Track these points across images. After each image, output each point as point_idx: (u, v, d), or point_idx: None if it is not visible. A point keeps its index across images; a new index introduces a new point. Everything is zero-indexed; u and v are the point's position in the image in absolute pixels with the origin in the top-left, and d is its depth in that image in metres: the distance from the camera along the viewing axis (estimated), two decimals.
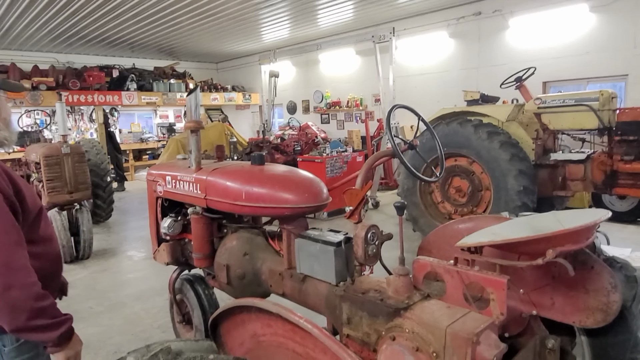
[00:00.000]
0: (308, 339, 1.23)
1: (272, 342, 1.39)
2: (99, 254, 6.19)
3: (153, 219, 3.10)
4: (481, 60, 9.16)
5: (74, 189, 5.74)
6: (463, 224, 2.31)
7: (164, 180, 2.89)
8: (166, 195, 2.91)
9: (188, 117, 2.67)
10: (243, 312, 1.51)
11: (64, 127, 6.12)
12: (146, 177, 3.13)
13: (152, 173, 3.05)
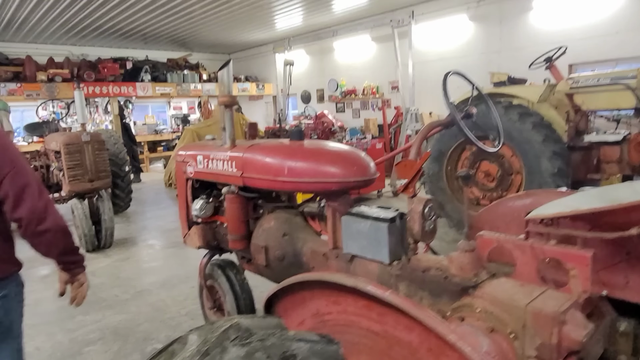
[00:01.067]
0: (388, 316, 1.10)
1: (340, 321, 1.26)
2: (120, 243, 6.14)
3: (183, 202, 2.99)
4: (503, 43, 8.89)
5: (95, 177, 5.67)
6: (519, 200, 2.16)
7: (195, 161, 2.77)
8: (197, 176, 2.80)
9: (221, 91, 2.54)
10: (304, 289, 1.38)
11: (83, 115, 6.05)
12: (175, 159, 3.02)
13: (181, 154, 2.94)
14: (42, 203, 1.60)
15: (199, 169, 2.75)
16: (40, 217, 1.59)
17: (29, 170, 1.63)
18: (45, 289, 4.51)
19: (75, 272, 1.84)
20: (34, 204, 1.57)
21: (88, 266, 1.98)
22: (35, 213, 1.57)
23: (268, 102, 15.62)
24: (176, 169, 3.02)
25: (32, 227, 1.59)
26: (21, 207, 1.55)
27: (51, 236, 1.65)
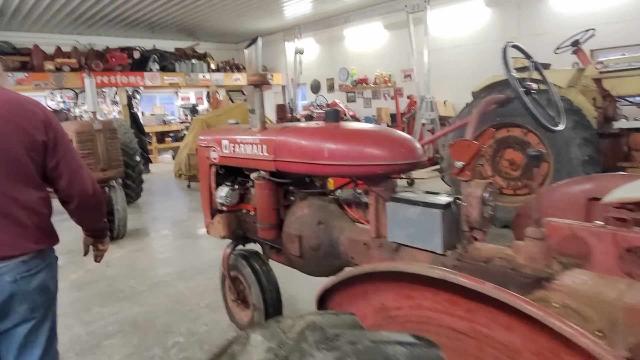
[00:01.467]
0: (480, 312, 0.95)
1: (412, 317, 1.11)
2: (133, 233, 6.02)
3: (206, 189, 2.84)
4: (521, 29, 8.64)
5: (107, 166, 5.54)
6: (577, 186, 1.99)
7: (219, 146, 2.62)
8: (222, 161, 2.65)
9: (249, 70, 2.38)
10: (365, 282, 1.23)
11: (93, 103, 5.91)
12: (197, 144, 2.86)
13: (204, 139, 2.79)
14: (90, 182, 1.81)
15: (224, 154, 2.60)
16: (90, 195, 1.80)
17: (77, 153, 1.83)
18: (60, 279, 4.40)
19: (103, 239, 2.08)
20: (85, 183, 1.77)
21: None
22: (86, 191, 1.78)
23: (277, 92, 15.41)
24: (198, 154, 2.87)
25: (82, 203, 1.80)
26: (75, 186, 1.75)
27: (97, 210, 1.91)
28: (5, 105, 1.59)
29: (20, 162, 1.59)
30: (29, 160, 1.61)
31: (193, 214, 7.04)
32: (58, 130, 1.71)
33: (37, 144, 1.62)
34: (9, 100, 1.61)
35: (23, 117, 1.61)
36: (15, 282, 1.60)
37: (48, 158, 1.67)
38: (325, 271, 2.31)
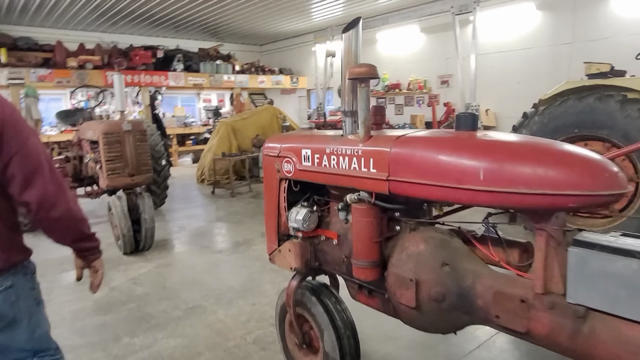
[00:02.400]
0: None
1: None
2: (159, 244, 5.53)
3: (273, 208, 2.30)
4: (576, 34, 8.02)
5: (136, 171, 5.06)
6: None
7: (297, 156, 2.08)
8: (299, 176, 2.11)
9: (347, 59, 1.86)
10: None
11: (122, 102, 5.45)
12: (263, 152, 2.34)
13: (273, 146, 2.25)
14: (53, 187, 1.49)
15: (303, 167, 2.07)
16: (51, 202, 1.48)
17: (42, 152, 1.51)
18: (82, 298, 3.91)
19: (90, 259, 1.75)
20: (44, 187, 1.46)
21: (128, 271, 2.52)
22: (46, 197, 1.47)
23: (302, 97, 14.93)
24: (265, 165, 2.34)
25: (42, 213, 1.48)
26: (30, 190, 1.45)
27: (64, 223, 1.56)
28: None
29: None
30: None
31: (222, 224, 6.53)
32: (8, 121, 1.42)
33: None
34: None
35: None
36: None
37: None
38: (446, 328, 1.75)
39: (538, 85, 8.63)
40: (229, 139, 10.12)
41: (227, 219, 6.78)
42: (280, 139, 2.27)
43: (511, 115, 9.11)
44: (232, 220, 6.69)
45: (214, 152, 9.82)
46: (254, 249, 5.24)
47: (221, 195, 8.66)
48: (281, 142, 2.22)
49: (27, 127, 1.49)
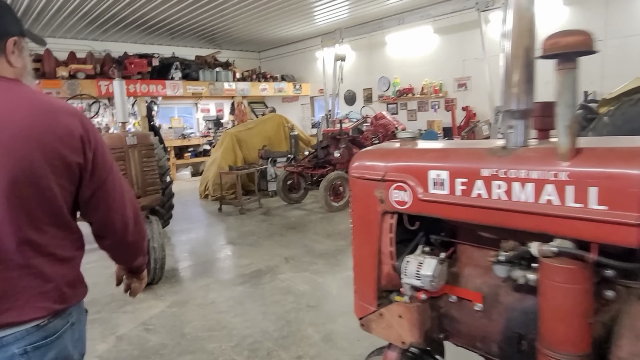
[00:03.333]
0: None
1: None
2: (169, 276, 4.78)
3: (370, 253, 1.60)
4: (609, 30, 7.46)
5: (142, 192, 4.33)
6: None
7: (421, 180, 1.39)
8: (425, 209, 1.41)
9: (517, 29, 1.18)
10: None
11: (124, 112, 4.72)
12: (351, 174, 1.64)
13: (372, 166, 1.56)
14: (133, 212, 1.41)
15: (432, 197, 1.37)
16: (130, 230, 1.40)
17: (121, 176, 1.40)
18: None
19: (141, 275, 1.65)
20: (126, 215, 1.37)
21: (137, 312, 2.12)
22: (126, 224, 1.38)
23: (305, 104, 14.26)
24: (355, 192, 1.65)
25: (121, 240, 1.40)
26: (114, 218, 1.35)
27: (135, 248, 1.49)
28: (28, 115, 1.15)
29: (45, 193, 1.17)
30: (58, 191, 1.19)
31: (237, 248, 5.79)
32: (98, 147, 1.28)
33: (70, 168, 1.21)
34: (34, 106, 1.17)
35: (53, 131, 1.17)
36: (26, 354, 1.16)
37: (83, 186, 1.26)
38: None
39: None
40: (234, 150, 9.40)
41: (241, 241, 6.04)
42: (382, 154, 1.57)
43: None
44: (247, 243, 5.95)
45: (218, 165, 9.09)
46: (280, 279, 4.52)
47: (229, 213, 7.92)
48: (386, 160, 1.52)
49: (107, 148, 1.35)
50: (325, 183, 7.31)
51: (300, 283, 4.38)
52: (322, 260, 5.07)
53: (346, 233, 6.13)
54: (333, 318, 3.56)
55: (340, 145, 7.94)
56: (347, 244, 5.62)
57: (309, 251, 5.42)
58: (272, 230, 6.56)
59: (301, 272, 4.72)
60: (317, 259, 5.11)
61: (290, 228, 6.62)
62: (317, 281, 4.44)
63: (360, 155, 1.66)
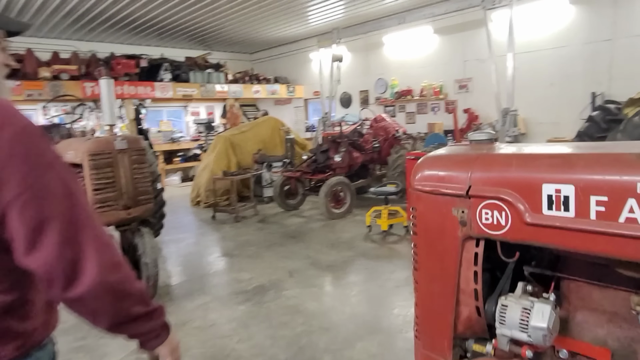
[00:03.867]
0: None
1: None
2: (163, 293, 4.35)
3: (446, 291, 1.22)
4: (618, 29, 7.24)
5: (133, 202, 3.90)
6: None
7: (530, 198, 1.02)
8: (535, 237, 1.04)
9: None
10: None
11: (111, 114, 4.29)
12: (415, 186, 1.26)
13: (448, 177, 1.18)
14: (73, 251, 0.92)
15: (549, 221, 1.00)
16: (67, 275, 0.92)
17: (61, 193, 0.94)
18: None
19: (150, 345, 1.12)
20: (57, 251, 0.91)
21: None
22: (60, 267, 0.91)
23: (298, 107, 13.88)
24: (422, 210, 1.27)
25: (56, 290, 0.93)
26: (35, 254, 0.90)
27: (91, 302, 0.97)
28: None
29: None
30: None
31: (235, 260, 5.36)
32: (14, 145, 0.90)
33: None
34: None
35: None
36: None
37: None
38: None
39: (573, 87, 7.83)
40: (228, 155, 8.98)
41: (239, 253, 5.63)
42: (464, 161, 1.19)
43: (543, 120, 8.29)
44: (246, 254, 5.54)
45: (211, 170, 8.65)
46: (286, 296, 4.12)
47: (224, 221, 7.48)
48: (472, 168, 1.15)
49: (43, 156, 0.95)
50: (325, 189, 6.93)
51: (308, 300, 3.99)
52: (329, 274, 4.68)
53: (351, 242, 5.76)
54: (351, 343, 3.18)
55: (341, 149, 7.57)
56: (354, 255, 5.24)
57: (314, 263, 5.03)
58: (271, 239, 6.16)
59: (308, 287, 4.33)
60: (324, 272, 4.73)
61: (291, 237, 6.22)
62: (327, 298, 4.05)
63: (427, 162, 1.28)
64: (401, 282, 4.31)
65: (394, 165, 7.83)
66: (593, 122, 5.09)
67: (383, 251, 5.38)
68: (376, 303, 3.87)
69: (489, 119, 8.59)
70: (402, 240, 5.77)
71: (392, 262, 4.95)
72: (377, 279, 4.45)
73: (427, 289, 1.29)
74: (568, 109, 7.91)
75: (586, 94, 7.61)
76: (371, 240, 5.84)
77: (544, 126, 8.26)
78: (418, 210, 1.28)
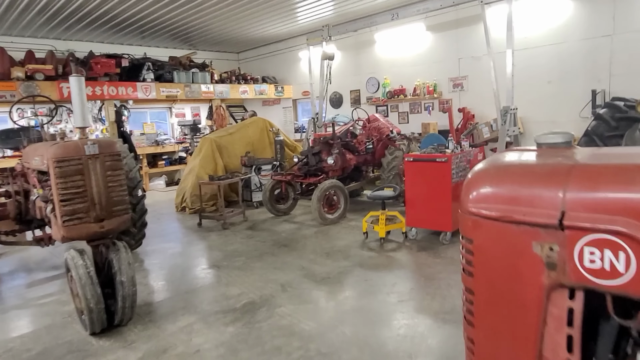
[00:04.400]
0: None
1: None
2: (142, 313, 3.93)
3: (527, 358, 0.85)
4: (618, 25, 7.01)
5: (106, 213, 3.48)
6: None
7: None
8: None
9: None
10: None
11: (83, 115, 3.87)
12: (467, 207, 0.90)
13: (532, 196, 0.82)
14: None
15: None
16: None
17: None
18: None
19: None
20: None
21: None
22: None
23: (287, 107, 13.48)
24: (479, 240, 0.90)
25: None
26: None
27: None
28: None
29: None
30: None
31: (223, 273, 4.95)
32: None
33: None
34: None
35: None
36: None
37: None
38: None
39: (571, 85, 7.58)
40: (214, 157, 8.56)
41: (227, 264, 5.22)
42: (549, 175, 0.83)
43: (540, 119, 8.03)
44: (234, 266, 5.14)
45: (197, 174, 8.23)
46: (279, 314, 3.73)
47: (210, 228, 7.06)
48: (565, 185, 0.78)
49: None
50: (318, 193, 6.55)
51: (304, 319, 3.61)
52: (325, 287, 4.31)
53: (347, 251, 5.40)
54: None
55: (333, 150, 7.21)
56: (351, 265, 4.88)
57: (308, 275, 4.65)
58: (261, 248, 5.76)
59: (303, 303, 3.95)
60: (319, 286, 4.35)
61: (282, 245, 5.83)
62: (324, 316, 3.68)
63: (489, 173, 0.92)
64: (404, 296, 3.95)
65: (389, 167, 7.50)
66: (602, 121, 4.81)
67: (381, 260, 5.03)
68: (379, 322, 3.51)
69: (486, 118, 8.32)
70: (400, 248, 5.42)
71: (392, 273, 4.60)
72: (378, 292, 4.09)
73: (491, 355, 0.92)
74: (566, 107, 7.66)
75: (585, 91, 7.36)
76: (368, 248, 5.49)
77: (542, 125, 8.00)
78: (476, 243, 0.92)
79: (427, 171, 5.43)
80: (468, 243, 0.93)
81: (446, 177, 5.28)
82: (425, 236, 5.78)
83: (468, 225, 0.92)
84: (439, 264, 4.73)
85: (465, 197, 0.93)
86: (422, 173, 5.48)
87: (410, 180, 5.64)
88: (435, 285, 4.17)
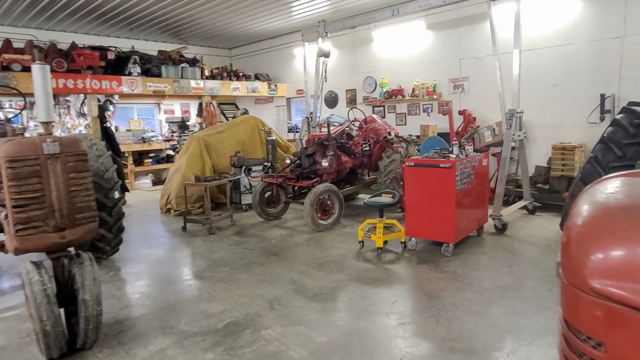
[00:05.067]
0: None
1: None
2: (111, 333, 3.48)
3: None
4: (629, 26, 6.67)
5: (68, 221, 3.02)
6: None
7: None
8: None
9: None
10: None
11: (47, 108, 3.40)
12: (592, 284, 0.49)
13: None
14: None
15: None
16: None
17: None
18: None
19: None
20: None
21: None
22: None
23: (280, 106, 13.04)
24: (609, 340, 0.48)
25: None
26: None
27: None
28: None
29: None
30: None
31: (205, 285, 4.51)
32: None
33: None
34: None
35: None
36: None
37: None
38: None
39: (578, 88, 7.23)
40: (202, 157, 8.11)
41: (210, 275, 4.78)
42: None
43: (544, 124, 7.67)
44: (218, 277, 4.70)
45: (183, 174, 7.77)
46: (266, 338, 3.31)
47: (195, 233, 6.61)
48: None
49: None
50: (311, 197, 6.13)
51: (293, 345, 3.19)
52: (318, 305, 3.89)
53: (342, 262, 4.99)
54: None
55: (328, 152, 6.79)
56: (346, 279, 4.47)
57: (299, 290, 4.23)
58: (249, 257, 5.33)
59: (293, 324, 3.52)
60: (311, 303, 3.93)
61: (272, 254, 5.41)
62: (317, 342, 3.25)
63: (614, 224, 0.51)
64: (405, 318, 3.55)
65: (386, 171, 7.11)
66: (619, 127, 4.44)
67: (379, 273, 4.62)
68: (378, 350, 3.10)
69: (487, 122, 7.95)
70: (399, 259, 5.02)
71: (391, 288, 4.20)
72: (376, 312, 3.68)
73: None
74: (573, 111, 7.32)
75: (593, 96, 7.02)
76: (364, 259, 5.08)
77: (546, 130, 7.66)
78: (608, 347, 0.50)
79: (429, 177, 5.03)
80: (593, 348, 0.52)
81: (450, 184, 4.89)
82: (425, 247, 5.39)
83: (592, 315, 0.51)
84: (441, 280, 4.34)
85: (581, 262, 0.52)
86: (423, 179, 5.09)
87: (410, 187, 5.24)
88: (439, 305, 3.77)
